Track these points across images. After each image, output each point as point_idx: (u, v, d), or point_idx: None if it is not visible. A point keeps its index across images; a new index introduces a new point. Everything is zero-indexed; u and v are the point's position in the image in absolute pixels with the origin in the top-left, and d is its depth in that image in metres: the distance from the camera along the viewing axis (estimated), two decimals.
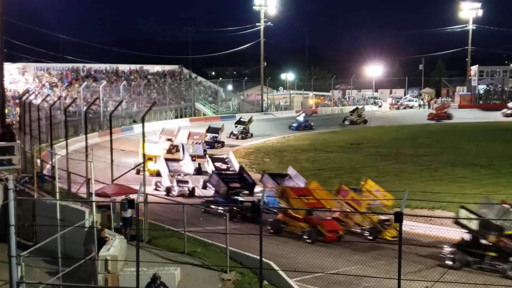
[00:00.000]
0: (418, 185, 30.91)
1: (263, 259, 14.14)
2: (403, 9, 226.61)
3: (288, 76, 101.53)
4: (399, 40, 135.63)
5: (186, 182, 30.98)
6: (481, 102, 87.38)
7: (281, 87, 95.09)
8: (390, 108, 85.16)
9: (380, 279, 16.08)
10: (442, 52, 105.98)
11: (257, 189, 28.83)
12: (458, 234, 20.29)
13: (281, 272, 16.82)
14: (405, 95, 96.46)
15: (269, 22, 77.30)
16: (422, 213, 24.39)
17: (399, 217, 11.85)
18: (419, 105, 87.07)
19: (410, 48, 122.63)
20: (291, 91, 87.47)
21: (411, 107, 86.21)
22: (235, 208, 24.75)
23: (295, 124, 60.96)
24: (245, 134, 53.27)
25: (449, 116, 68.92)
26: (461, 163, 38.19)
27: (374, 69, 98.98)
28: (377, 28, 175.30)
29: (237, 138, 52.26)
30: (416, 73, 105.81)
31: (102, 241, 17.16)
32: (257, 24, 77.44)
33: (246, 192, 27.93)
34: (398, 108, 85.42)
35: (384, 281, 15.86)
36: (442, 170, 36.20)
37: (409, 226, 20.55)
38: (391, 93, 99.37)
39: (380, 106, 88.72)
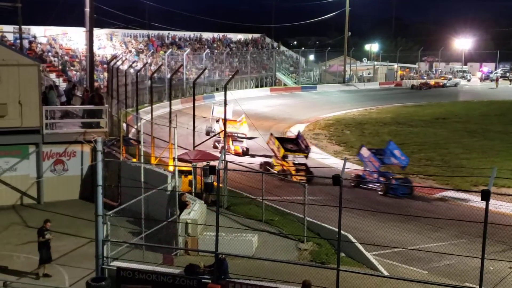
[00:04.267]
0: (506, 163, 29.57)
1: (341, 231, 14.02)
2: None
3: (373, 47, 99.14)
4: (491, 12, 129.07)
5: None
6: None
7: (365, 58, 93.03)
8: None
9: (462, 258, 15.59)
10: None
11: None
12: None
13: (358, 245, 16.66)
14: (495, 69, 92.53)
15: None
16: (509, 192, 23.49)
17: (486, 195, 11.38)
18: (510, 80, 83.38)
19: (503, 20, 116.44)
20: (375, 63, 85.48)
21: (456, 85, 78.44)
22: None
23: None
24: None
25: None
26: None
27: (464, 42, 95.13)
28: None
29: None
30: (508, 46, 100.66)
31: (183, 205, 17.60)
32: None
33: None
34: (443, 86, 77.21)
35: (465, 259, 15.37)
36: None
37: (495, 205, 19.81)
38: (481, 66, 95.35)
39: (469, 80, 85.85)
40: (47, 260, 15.38)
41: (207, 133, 33.16)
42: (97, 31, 43.20)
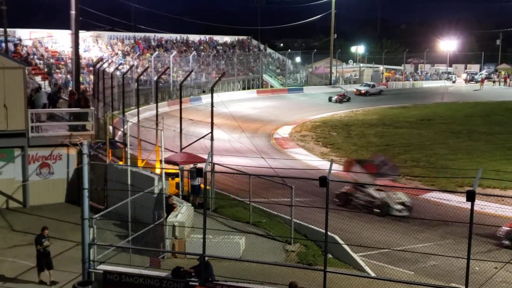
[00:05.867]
0: (491, 164, 29.87)
1: (328, 232, 14.07)
2: None
3: (359, 49, 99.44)
4: (476, 13, 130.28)
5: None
6: None
7: (350, 60, 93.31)
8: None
9: (448, 258, 15.71)
10: None
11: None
12: None
13: (345, 247, 16.71)
14: (480, 70, 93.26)
15: None
16: (494, 192, 23.66)
17: (471, 196, 11.47)
18: (494, 81, 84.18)
19: (487, 21, 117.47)
20: (361, 64, 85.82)
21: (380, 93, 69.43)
22: None
23: None
24: None
25: None
26: None
27: (448, 43, 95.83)
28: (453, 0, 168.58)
29: None
30: (493, 48, 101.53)
31: (170, 208, 17.57)
32: None
33: None
34: (365, 94, 67.43)
35: (451, 260, 15.50)
36: None
37: (480, 205, 19.92)
38: (465, 68, 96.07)
39: (454, 82, 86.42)
40: (50, 266, 15.21)
41: None
42: (83, 34, 42.96)
